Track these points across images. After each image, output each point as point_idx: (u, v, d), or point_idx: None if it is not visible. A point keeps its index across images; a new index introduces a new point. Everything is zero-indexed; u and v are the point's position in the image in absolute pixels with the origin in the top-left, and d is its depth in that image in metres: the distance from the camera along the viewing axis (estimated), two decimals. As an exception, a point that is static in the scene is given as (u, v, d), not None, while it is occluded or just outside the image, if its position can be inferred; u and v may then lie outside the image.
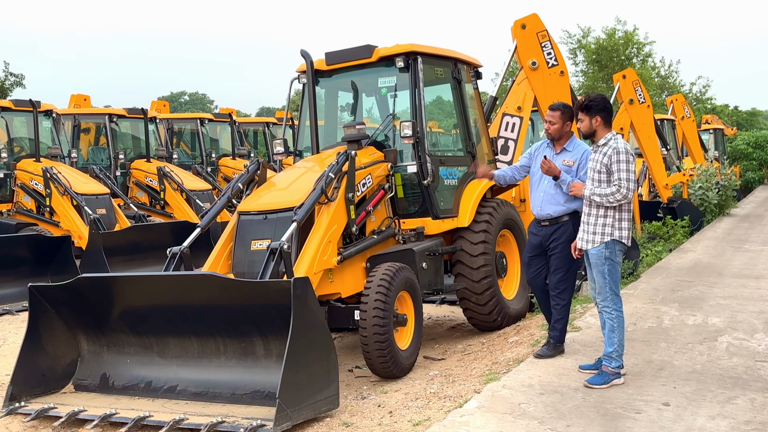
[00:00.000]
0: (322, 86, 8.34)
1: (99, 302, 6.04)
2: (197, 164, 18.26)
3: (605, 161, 5.39)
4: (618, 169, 5.33)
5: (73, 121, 16.30)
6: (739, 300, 8.09)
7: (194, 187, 15.92)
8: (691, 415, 4.67)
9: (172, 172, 15.85)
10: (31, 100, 13.69)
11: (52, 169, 12.99)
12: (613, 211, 5.38)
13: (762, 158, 26.91)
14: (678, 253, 11.84)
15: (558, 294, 6.02)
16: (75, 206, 12.75)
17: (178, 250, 6.59)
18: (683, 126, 20.59)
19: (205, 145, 19.17)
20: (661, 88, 39.68)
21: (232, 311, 5.60)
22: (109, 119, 16.31)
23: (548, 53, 10.10)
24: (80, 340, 6.16)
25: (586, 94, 5.95)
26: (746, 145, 26.93)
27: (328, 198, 6.59)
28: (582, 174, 5.91)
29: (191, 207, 15.51)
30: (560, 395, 5.08)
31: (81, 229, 12.46)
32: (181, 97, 77.94)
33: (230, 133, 19.96)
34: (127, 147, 17.07)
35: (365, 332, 6.21)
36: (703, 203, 16.88)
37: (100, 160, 16.38)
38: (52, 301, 6.00)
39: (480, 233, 7.71)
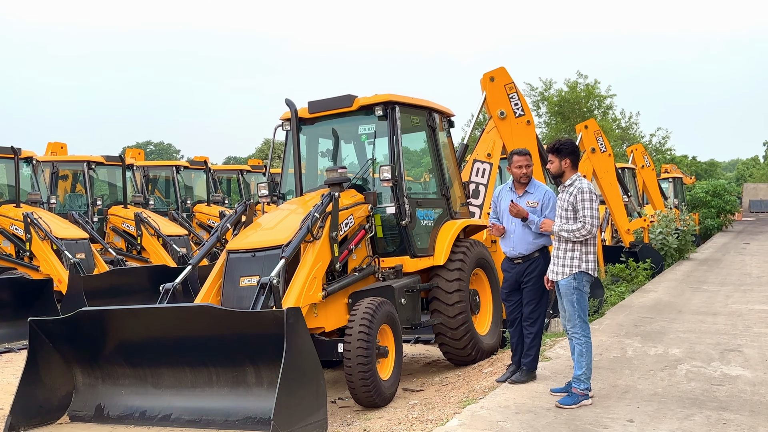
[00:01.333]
0: (304, 133, 8.76)
1: (96, 335, 6.32)
2: (173, 210, 18.55)
3: (571, 200, 5.90)
4: (583, 207, 5.85)
5: (51, 168, 16.54)
6: (697, 334, 8.60)
7: (171, 233, 16.18)
8: (654, 429, 5.10)
9: (149, 217, 16.11)
10: (12, 147, 13.93)
11: (33, 215, 13.19)
12: (580, 245, 5.88)
13: (720, 206, 27.83)
14: (640, 293, 12.37)
15: (530, 324, 6.47)
16: (55, 251, 12.96)
17: (171, 286, 6.92)
18: (643, 174, 21.36)
19: (180, 191, 19.47)
20: (622, 138, 40.90)
21: (225, 342, 5.91)
22: (88, 166, 16.59)
23: (515, 104, 10.68)
24: (76, 372, 6.41)
25: (556, 139, 6.50)
26: (705, 194, 27.86)
27: (314, 236, 6.99)
28: (547, 212, 6.42)
29: (167, 252, 15.76)
30: (534, 414, 5.49)
31: (61, 273, 12.65)
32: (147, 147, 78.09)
33: (204, 180, 20.35)
34: (104, 193, 17.34)
35: (349, 363, 6.55)
36: (663, 247, 17.52)
37: (77, 206, 16.58)
38: (50, 335, 6.26)
39: (455, 271, 8.14)
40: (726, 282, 13.59)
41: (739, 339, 8.20)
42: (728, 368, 6.85)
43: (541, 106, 40.09)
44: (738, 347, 7.76)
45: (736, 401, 5.77)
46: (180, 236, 16.35)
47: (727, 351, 7.58)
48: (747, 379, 6.43)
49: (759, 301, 11.10)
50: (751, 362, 7.07)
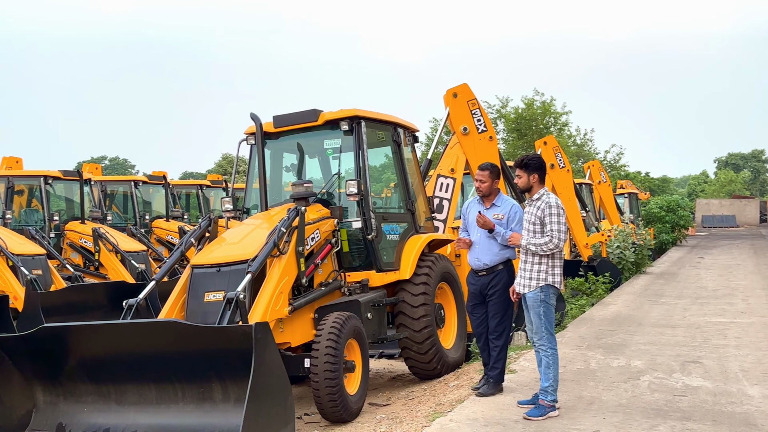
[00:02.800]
0: (269, 147, 8.74)
1: (58, 352, 6.16)
2: (131, 226, 18.28)
3: (539, 214, 5.97)
4: (550, 221, 5.92)
5: (6, 182, 16.17)
6: (658, 346, 8.73)
7: (129, 248, 15.92)
8: (620, 440, 5.17)
9: (107, 233, 15.83)
10: (-35, 162, 13.63)
11: (-11, 231, 12.90)
12: (547, 258, 5.95)
13: (674, 221, 28.30)
14: (600, 306, 12.53)
15: (497, 337, 6.52)
16: (11, 267, 12.66)
17: (135, 301, 6.83)
18: (600, 190, 21.67)
19: (139, 207, 19.21)
20: (578, 155, 41.51)
21: (191, 357, 5.82)
22: (45, 181, 16.26)
23: (478, 120, 10.78)
24: (36, 390, 6.24)
25: (524, 154, 6.58)
26: (659, 209, 28.31)
27: (280, 251, 6.96)
28: (513, 225, 6.52)
29: (126, 268, 15.51)
30: (503, 426, 5.52)
31: (17, 289, 12.34)
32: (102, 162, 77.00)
33: (163, 195, 20.10)
34: (61, 209, 17.01)
35: (316, 378, 6.52)
36: (621, 261, 17.77)
37: (33, 221, 16.24)
38: (10, 352, 6.11)
39: (420, 285, 8.17)
40: (683, 295, 13.84)
41: (698, 351, 8.35)
42: (689, 379, 6.97)
43: (499, 123, 40.49)
44: (698, 359, 7.90)
45: (699, 411, 5.87)
46: (139, 252, 16.09)
47: (687, 362, 7.72)
48: (708, 390, 6.55)
49: (715, 313, 11.32)
50: (711, 373, 7.21)
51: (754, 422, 5.56)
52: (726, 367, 7.48)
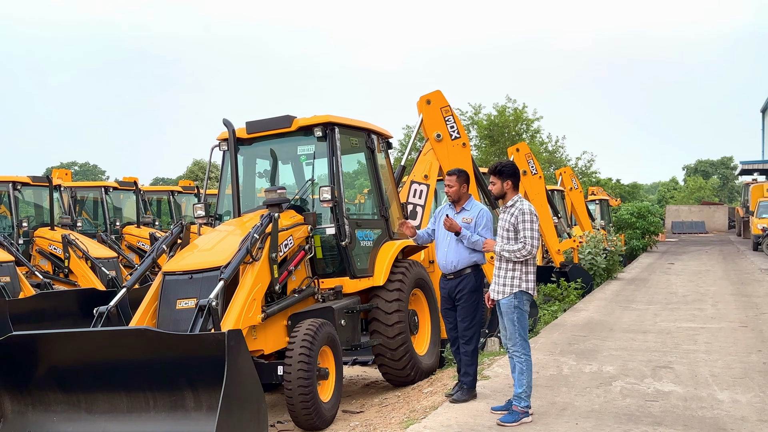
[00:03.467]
0: (242, 153, 8.68)
1: (27, 361, 6.08)
2: (101, 232, 18.06)
3: (513, 221, 6.00)
4: (524, 228, 5.95)
5: (-27, 189, 15.94)
6: (629, 351, 8.81)
7: (100, 255, 15.73)
8: (593, 445, 5.20)
9: (77, 240, 15.64)
10: (-68, 167, 13.39)
11: (-46, 237, 12.69)
12: (521, 265, 5.98)
13: (645, 227, 28.59)
14: (572, 312, 12.62)
15: (466, 341, 6.54)
16: (-22, 274, 12.46)
17: (105, 309, 6.75)
18: (571, 196, 21.84)
19: (109, 213, 19.00)
20: (550, 162, 41.79)
21: (163, 365, 5.75)
22: (13, 187, 16.01)
23: (451, 126, 10.82)
24: (4, 399, 6.14)
25: (497, 161, 6.62)
26: (630, 215, 28.58)
27: (253, 258, 6.91)
28: (480, 229, 6.61)
29: (96, 275, 15.32)
30: (476, 433, 5.53)
31: (-16, 297, 12.15)
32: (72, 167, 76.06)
33: (134, 202, 19.91)
34: (30, 215, 16.77)
35: (290, 385, 6.49)
36: (592, 267, 17.90)
37: (1, 228, 16.00)
38: (-24, 360, 6.01)
39: (394, 291, 8.17)
40: (653, 301, 13.98)
41: (669, 356, 8.44)
42: (660, 384, 7.03)
43: (472, 130, 40.65)
44: (669, 364, 7.98)
45: (670, 416, 5.93)
46: (109, 259, 15.90)
47: (658, 368, 7.79)
48: (679, 395, 6.61)
49: (686, 319, 11.46)
50: (682, 378, 7.28)
51: (724, 427, 5.62)
52: (696, 372, 7.57)
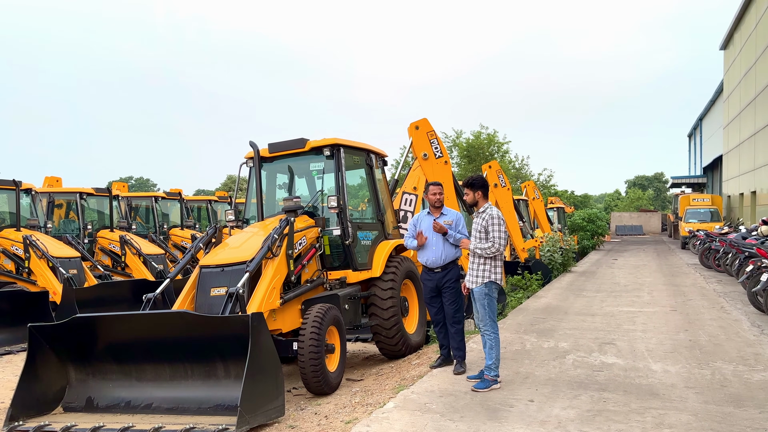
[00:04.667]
0: (265, 169, 8.65)
1: (88, 338, 6.05)
2: (152, 233, 18.01)
3: (484, 224, 5.96)
4: (492, 230, 5.91)
5: (48, 197, 15.88)
6: (580, 330, 8.76)
7: (150, 252, 15.70)
8: (550, 407, 5.15)
9: (132, 239, 15.62)
10: (14, 180, 13.34)
11: (31, 237, 12.62)
12: (491, 260, 5.93)
13: (593, 230, 28.49)
14: (534, 298, 12.56)
15: (457, 321, 6.50)
16: (51, 267, 12.41)
17: (152, 295, 6.70)
18: (534, 205, 21.81)
19: (158, 218, 18.95)
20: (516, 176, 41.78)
21: (198, 341, 5.73)
22: (80, 197, 16.00)
23: (435, 147, 10.79)
24: (69, 369, 6.11)
25: (469, 175, 6.61)
26: (582, 220, 28.48)
27: (273, 254, 6.88)
28: (459, 228, 6.63)
29: (147, 268, 15.28)
30: (454, 397, 5.47)
31: (56, 286, 12.10)
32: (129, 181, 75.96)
33: (179, 209, 19.87)
34: (94, 219, 16.72)
35: (303, 358, 6.44)
36: (551, 262, 17.86)
37: (70, 230, 15.94)
38: (47, 338, 5.97)
39: (388, 282, 8.12)
40: (600, 289, 13.93)
41: (612, 334, 8.39)
42: (605, 357, 6.98)
43: (453, 151, 40.64)
44: (612, 341, 7.93)
45: (613, 383, 5.88)
46: (158, 255, 15.87)
47: (604, 344, 7.74)
48: (620, 366, 6.56)
49: (626, 304, 11.41)
50: (623, 353, 7.23)
51: (657, 392, 5.57)
52: (635, 347, 7.52)
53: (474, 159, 39.04)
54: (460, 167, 39.87)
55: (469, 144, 39.85)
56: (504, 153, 41.24)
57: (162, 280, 10.37)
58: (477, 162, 37.86)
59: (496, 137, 40.44)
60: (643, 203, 74.12)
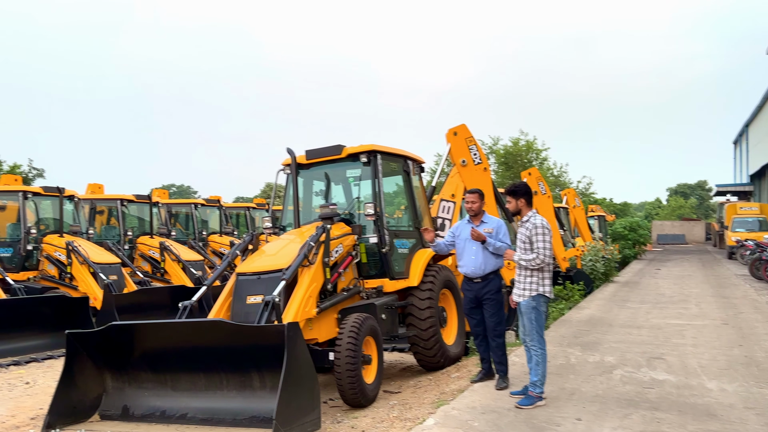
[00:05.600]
0: (302, 176, 8.54)
1: (124, 345, 5.99)
2: (191, 240, 18.12)
3: (528, 234, 5.70)
4: (536, 240, 5.64)
5: (90, 204, 16.13)
6: (627, 344, 8.39)
7: (189, 258, 15.77)
8: (599, 427, 4.86)
9: (171, 246, 15.71)
10: (58, 187, 13.56)
11: (74, 243, 12.79)
12: (538, 272, 5.66)
13: (635, 239, 27.78)
14: (576, 309, 12.18)
15: (497, 335, 6.24)
16: (92, 273, 12.54)
17: (189, 303, 6.61)
18: (574, 213, 21.33)
19: (198, 224, 19.07)
20: (555, 184, 41.07)
21: (234, 351, 5.61)
22: (121, 203, 16.19)
23: (474, 154, 10.53)
24: (106, 377, 6.06)
25: (512, 182, 6.36)
26: (623, 229, 27.79)
27: (310, 262, 6.74)
28: (500, 236, 6.38)
29: (186, 274, 15.34)
30: (497, 414, 5.22)
31: (96, 291, 12.22)
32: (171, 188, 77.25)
33: (218, 215, 19.98)
34: (134, 226, 16.90)
35: (339, 369, 6.27)
36: (592, 272, 17.36)
37: (111, 236, 16.13)
38: (85, 345, 5.93)
39: (426, 291, 7.90)
40: (645, 300, 13.45)
41: (661, 348, 8.01)
42: (655, 373, 6.63)
43: (491, 158, 40.19)
44: (661, 355, 7.56)
45: (665, 402, 5.55)
46: (197, 261, 15.93)
47: (652, 359, 7.38)
48: (672, 383, 6.22)
49: (673, 316, 10.95)
50: (674, 368, 6.87)
51: (714, 413, 5.23)
52: (686, 363, 7.14)
53: (512, 166, 38.52)
54: (498, 174, 39.38)
55: (506, 150, 39.35)
56: (543, 160, 40.61)
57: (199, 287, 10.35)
58: (515, 169, 37.32)
59: (535, 144, 39.86)
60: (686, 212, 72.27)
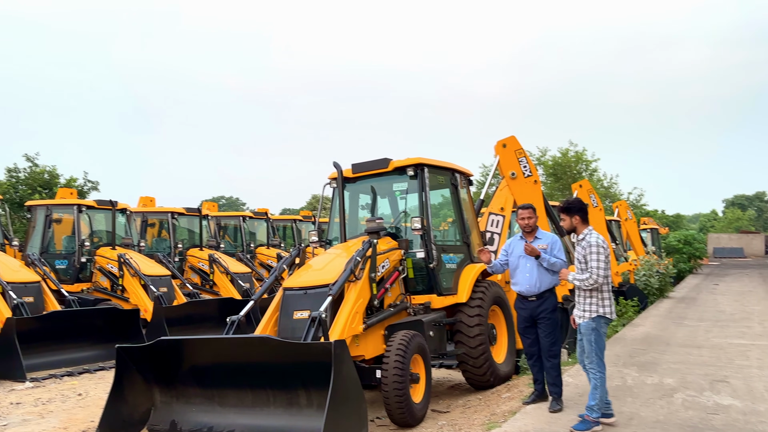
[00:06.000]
0: (348, 189, 8.49)
1: (173, 361, 6.00)
2: (239, 252, 18.33)
3: (583, 253, 5.48)
4: (590, 260, 5.41)
5: (142, 217, 16.48)
6: (686, 365, 8.01)
7: (237, 270, 15.94)
8: (661, 456, 4.59)
9: (220, 258, 15.91)
10: (110, 200, 13.88)
11: (125, 255, 13.06)
12: (597, 292, 5.43)
13: (691, 252, 26.84)
14: (631, 327, 11.75)
15: (553, 355, 6.03)
16: (143, 285, 12.76)
17: (236, 318, 6.60)
18: (626, 226, 20.75)
19: (246, 237, 19.29)
20: (605, 196, 40.14)
21: (281, 368, 5.55)
22: (171, 216, 16.50)
23: (524, 166, 10.32)
24: (155, 392, 6.08)
25: (565, 199, 6.13)
26: (677, 242, 26.88)
27: (356, 277, 6.65)
28: (555, 252, 6.16)
29: (234, 287, 15.49)
30: (552, 439, 5.00)
31: (147, 303, 12.43)
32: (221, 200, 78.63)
33: (265, 228, 20.18)
34: (184, 238, 17.18)
35: (386, 387, 6.14)
36: (646, 287, 16.79)
37: (162, 248, 16.44)
38: (134, 359, 5.97)
39: (475, 308, 7.71)
40: (704, 318, 12.89)
41: (724, 370, 7.60)
42: (719, 398, 6.27)
43: (539, 169, 39.60)
44: (725, 378, 7.17)
45: (732, 430, 5.22)
46: (245, 273, 16.10)
47: (715, 381, 7.00)
48: (738, 409, 5.86)
49: (736, 336, 10.43)
50: (739, 393, 6.49)
51: (786, 442, 4.90)
52: (752, 386, 6.74)
53: (561, 177, 37.84)
54: (546, 186, 38.74)
55: (555, 162, 38.68)
56: (593, 171, 39.76)
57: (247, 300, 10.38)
58: (564, 180, 36.66)
59: (585, 155, 39.06)
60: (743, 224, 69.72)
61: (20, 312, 9.94)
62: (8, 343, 9.04)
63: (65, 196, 15.47)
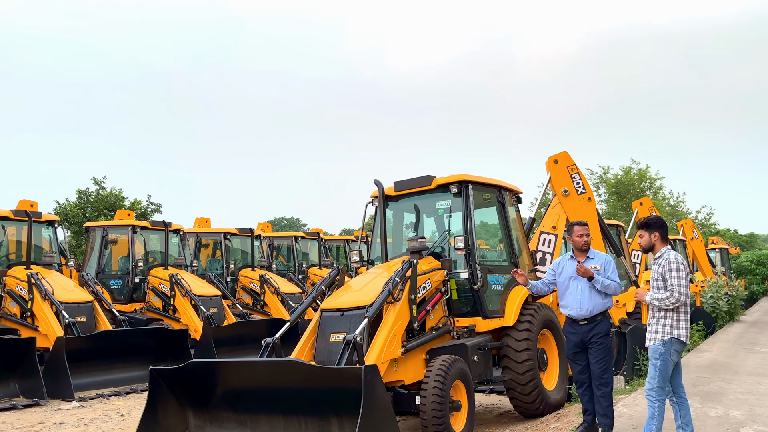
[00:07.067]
0: (391, 208, 8.29)
1: (205, 383, 5.88)
2: (291, 272, 18.36)
3: (660, 271, 5.09)
4: (671, 277, 5.02)
5: (195, 237, 16.73)
6: (756, 396, 7.35)
7: (288, 291, 15.92)
8: (723, 500, 4.12)
9: (271, 278, 15.94)
10: (164, 221, 14.13)
11: (177, 275, 13.21)
12: (672, 312, 5.02)
13: (764, 273, 25.44)
14: (696, 353, 11.01)
15: (603, 384, 5.63)
16: (193, 305, 12.87)
17: (271, 340, 6.45)
18: (693, 245, 19.79)
19: (298, 257, 19.32)
20: (671, 215, 38.59)
21: (312, 393, 5.36)
22: (224, 236, 16.68)
23: (577, 183, 9.88)
24: (188, 415, 5.97)
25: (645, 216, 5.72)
26: (750, 262, 25.57)
27: (394, 298, 6.41)
28: (609, 273, 5.84)
29: (285, 307, 15.46)
30: (599, 477, 4.58)
31: (197, 323, 12.51)
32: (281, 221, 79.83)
33: (318, 248, 20.18)
34: (237, 258, 17.33)
35: (425, 416, 5.85)
36: (714, 310, 15.86)
37: (215, 269, 16.61)
38: (168, 381, 5.88)
39: (523, 332, 7.33)
40: (778, 344, 11.99)
41: (799, 403, 6.93)
42: (793, 434, 5.68)
43: (600, 187, 38.47)
44: (800, 411, 6.52)
45: (807, 471, 4.68)
46: (295, 294, 16.06)
47: (789, 415, 6.37)
48: (815, 447, 5.28)
49: (814, 363, 9.61)
50: (816, 428, 5.86)
51: None
52: (832, 422, 6.09)
53: (624, 196, 36.64)
54: (609, 204, 37.60)
55: (617, 180, 37.51)
56: (657, 189, 38.33)
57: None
58: (627, 199, 35.46)
59: (648, 172, 37.73)
60: (824, 243, 65.60)
61: (72, 331, 10.12)
62: (58, 362, 9.19)
63: (122, 218, 15.88)
